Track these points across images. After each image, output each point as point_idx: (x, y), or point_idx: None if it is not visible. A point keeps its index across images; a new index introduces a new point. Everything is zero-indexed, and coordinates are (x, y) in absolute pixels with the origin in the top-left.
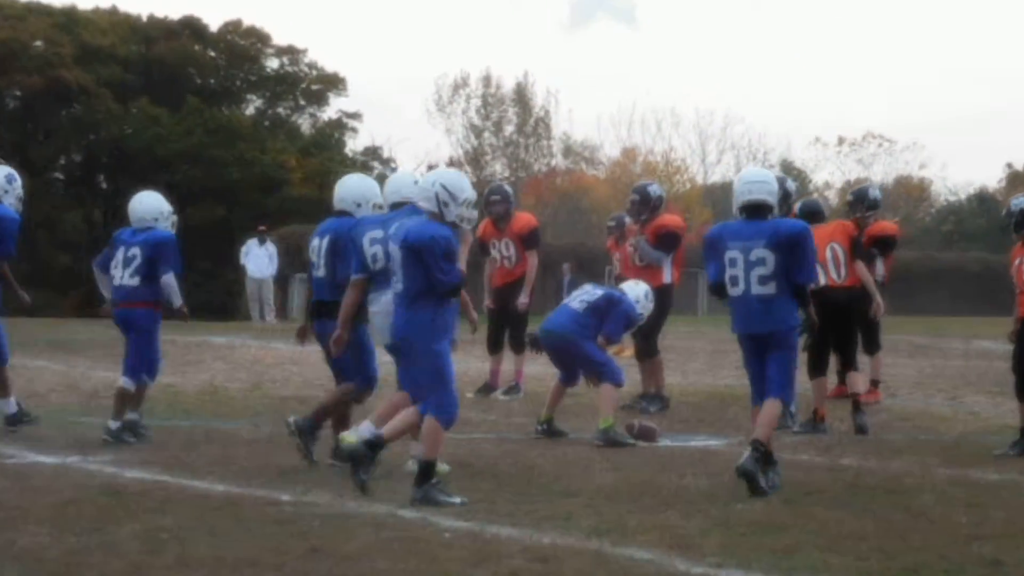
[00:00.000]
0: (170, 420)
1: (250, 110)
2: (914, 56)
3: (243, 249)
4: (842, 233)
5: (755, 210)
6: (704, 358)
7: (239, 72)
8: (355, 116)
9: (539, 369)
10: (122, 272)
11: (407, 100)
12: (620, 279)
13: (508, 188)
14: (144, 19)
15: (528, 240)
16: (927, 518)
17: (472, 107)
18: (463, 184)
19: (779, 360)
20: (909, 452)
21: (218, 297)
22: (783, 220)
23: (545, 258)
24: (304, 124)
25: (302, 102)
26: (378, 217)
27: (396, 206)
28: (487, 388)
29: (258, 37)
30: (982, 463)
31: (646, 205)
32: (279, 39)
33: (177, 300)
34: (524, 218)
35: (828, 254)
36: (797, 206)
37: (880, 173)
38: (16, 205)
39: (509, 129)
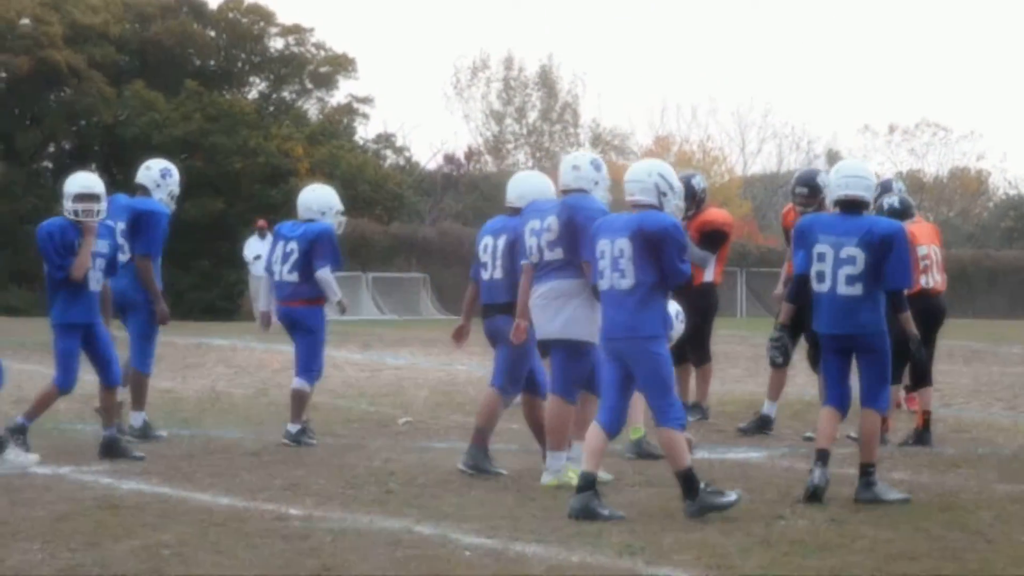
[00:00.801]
0: (169, 428)
1: (253, 94)
2: (972, 39)
3: (246, 245)
4: (935, 234)
5: (850, 205)
6: (744, 364)
7: (241, 53)
8: (366, 100)
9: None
10: (281, 268)
11: (422, 84)
12: None
13: None
14: None
15: None
16: (984, 537)
17: (493, 91)
18: (675, 174)
19: (868, 367)
20: (965, 466)
21: (219, 296)
22: (879, 219)
23: None
24: (311, 109)
25: (309, 85)
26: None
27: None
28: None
29: (261, 15)
30: None
31: (691, 199)
32: (284, 18)
33: (334, 295)
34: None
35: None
36: (886, 201)
37: (934, 164)
38: (167, 201)
39: (533, 115)
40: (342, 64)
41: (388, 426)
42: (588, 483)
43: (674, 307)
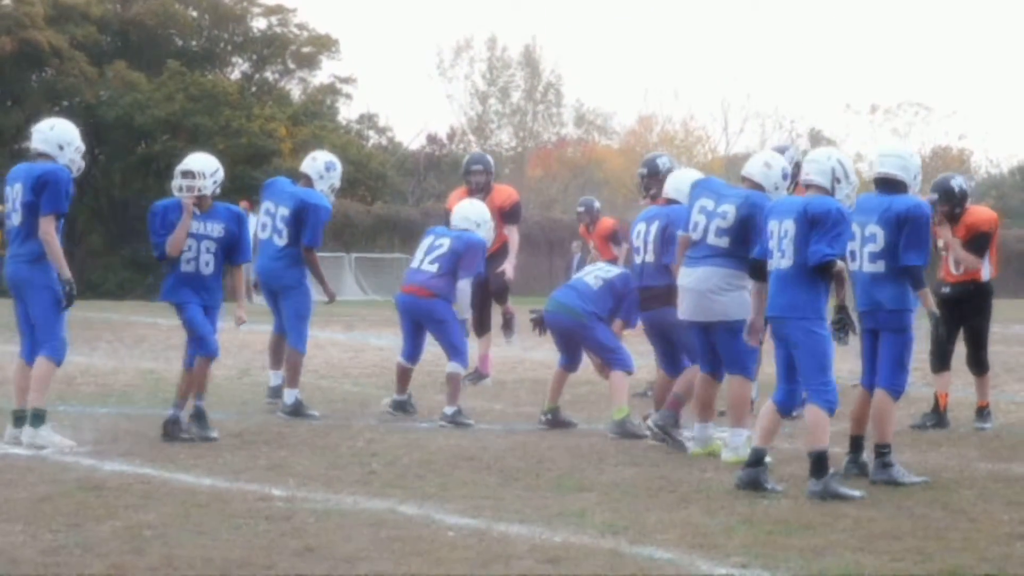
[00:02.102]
0: (152, 409)
1: (235, 74)
2: (954, 18)
3: None
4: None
5: (885, 184)
6: None
7: (223, 33)
8: (349, 81)
9: (546, 354)
10: (423, 258)
11: (405, 64)
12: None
13: (490, 158)
14: None
15: (510, 215)
16: (967, 516)
17: (476, 71)
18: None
19: (888, 347)
20: (947, 445)
21: None
22: (899, 197)
23: (552, 234)
24: (294, 90)
25: (292, 66)
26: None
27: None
28: (477, 375)
29: None
30: None
31: (655, 178)
32: None
33: (465, 311)
34: (505, 191)
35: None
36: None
37: (916, 143)
38: (328, 193)
39: (516, 95)
40: (325, 44)
41: (371, 407)
42: (758, 459)
43: None
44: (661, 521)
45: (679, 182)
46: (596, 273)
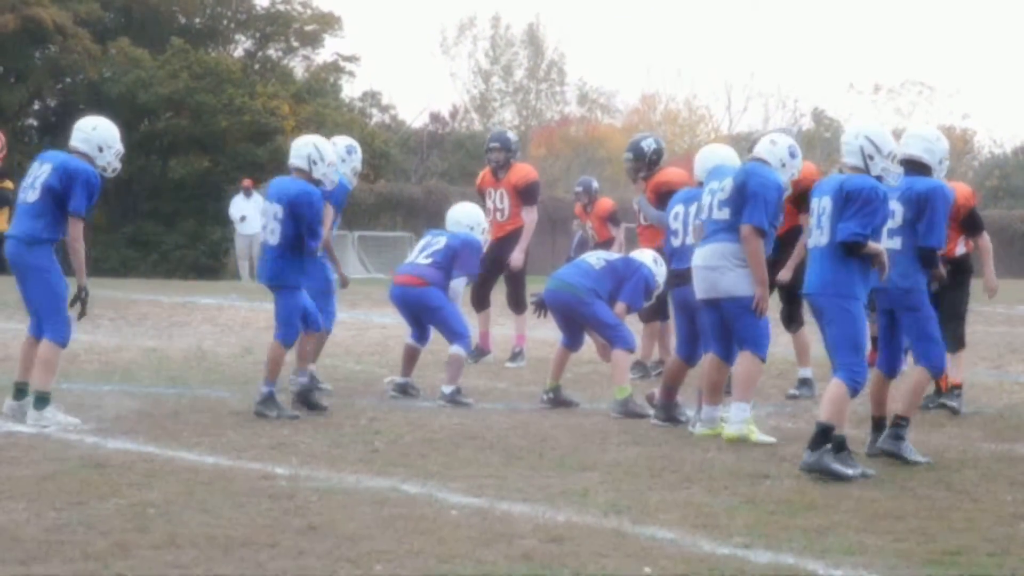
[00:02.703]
0: (155, 387)
1: (239, 52)
2: None
3: (232, 203)
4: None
5: (909, 165)
6: None
7: (227, 11)
8: (352, 59)
9: (548, 333)
10: (418, 254)
11: (408, 42)
12: (583, 246)
13: (511, 136)
14: None
15: (525, 194)
16: (970, 496)
17: (480, 49)
18: (887, 136)
19: (910, 325)
20: (951, 425)
21: (204, 254)
22: (920, 178)
23: (555, 213)
24: (297, 68)
25: (295, 44)
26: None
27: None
28: (479, 352)
29: None
30: None
31: (642, 161)
32: None
33: (456, 298)
34: (523, 170)
35: None
36: None
37: (920, 122)
38: (350, 176)
39: (519, 74)
40: (328, 22)
41: (374, 385)
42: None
43: (649, 253)
44: (664, 501)
45: (707, 161)
46: (599, 255)
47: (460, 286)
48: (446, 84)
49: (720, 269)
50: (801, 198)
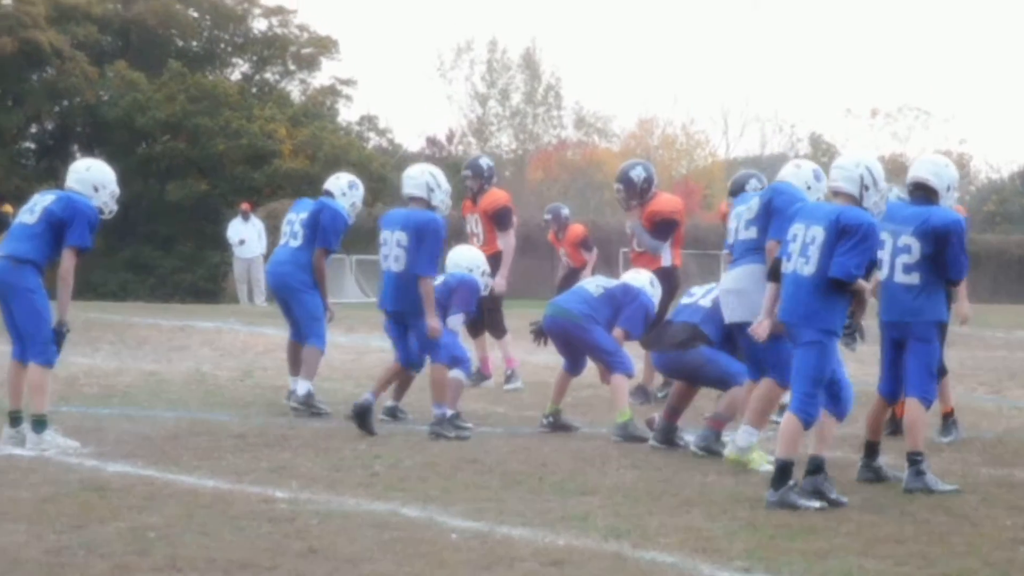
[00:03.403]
0: (154, 410)
1: (236, 75)
2: (954, 23)
3: (230, 227)
4: None
5: (917, 188)
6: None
7: (224, 34)
8: (349, 83)
9: (548, 358)
10: None
11: (406, 66)
12: (571, 272)
13: (484, 163)
14: None
15: (496, 219)
16: (970, 521)
17: (476, 73)
18: (883, 172)
19: (915, 355)
20: (950, 450)
21: (202, 278)
22: (936, 209)
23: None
24: (294, 91)
25: (292, 67)
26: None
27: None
28: (479, 376)
29: None
30: None
31: (633, 191)
32: None
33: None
34: (494, 195)
35: None
36: None
37: (916, 147)
38: (350, 210)
39: (516, 98)
40: (325, 46)
41: (375, 410)
42: (817, 467)
43: (647, 275)
44: (664, 525)
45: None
46: (598, 282)
47: (459, 322)
48: (443, 108)
49: (746, 292)
50: None
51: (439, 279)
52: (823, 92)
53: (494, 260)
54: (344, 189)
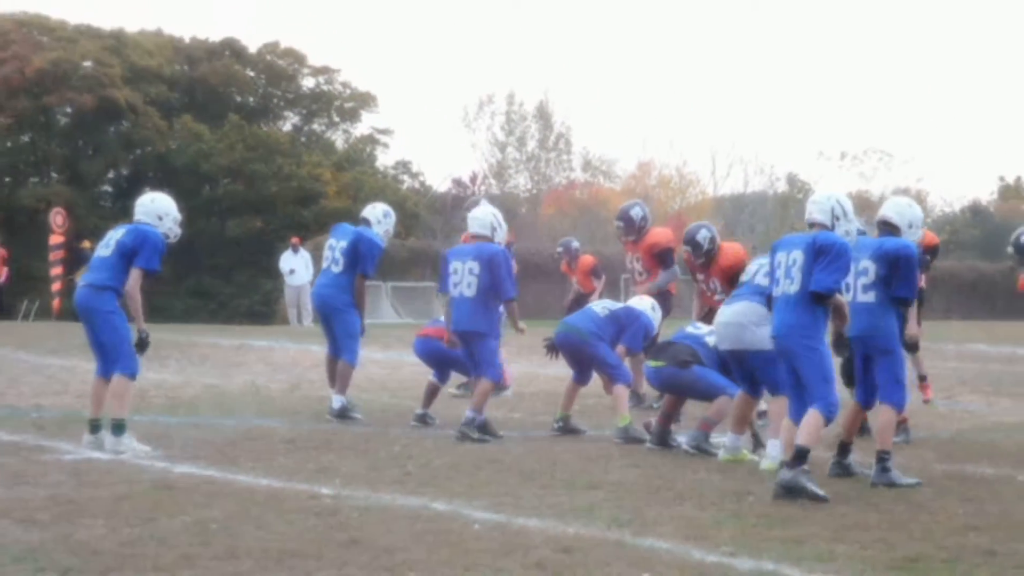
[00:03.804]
0: (215, 419)
1: (287, 127)
2: (915, 74)
3: (282, 258)
4: None
5: (884, 225)
6: None
7: (277, 91)
8: (386, 132)
9: (559, 370)
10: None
11: (435, 116)
12: (580, 296)
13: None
14: (187, 40)
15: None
16: (926, 510)
17: (496, 123)
18: (851, 206)
19: (880, 367)
20: (908, 448)
21: (257, 302)
22: (892, 238)
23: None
24: (338, 140)
25: (336, 119)
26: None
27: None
28: (498, 387)
29: (295, 58)
30: (977, 459)
31: (632, 228)
32: (315, 60)
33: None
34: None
35: None
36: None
37: (880, 186)
38: (384, 237)
39: (531, 144)
40: (365, 100)
41: (406, 416)
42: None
43: (649, 301)
44: (660, 515)
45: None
46: (604, 304)
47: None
48: (467, 153)
49: (744, 326)
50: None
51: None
52: (798, 136)
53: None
54: (379, 217)
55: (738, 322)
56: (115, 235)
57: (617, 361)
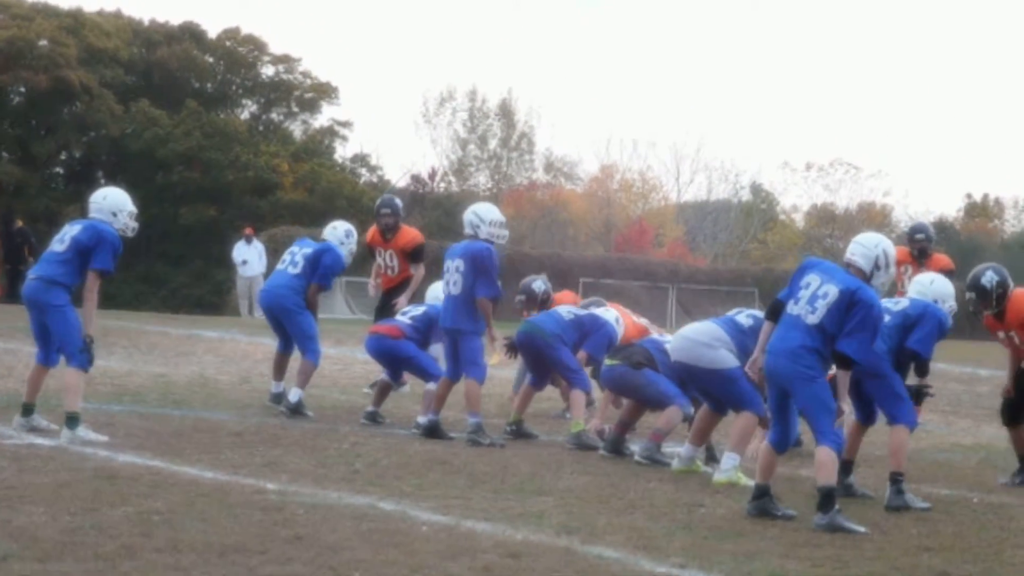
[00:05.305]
0: (162, 409)
1: (245, 115)
2: (882, 87)
3: (235, 248)
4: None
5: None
6: None
7: (236, 78)
8: (346, 124)
9: (511, 374)
10: (401, 317)
11: (395, 111)
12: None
13: (399, 202)
14: (146, 23)
15: (411, 255)
16: (880, 529)
17: (458, 120)
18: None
19: (876, 390)
20: (864, 466)
21: (209, 292)
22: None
23: (523, 267)
24: (296, 130)
25: (295, 109)
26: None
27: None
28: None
29: (255, 45)
30: (933, 479)
31: (533, 302)
32: (275, 48)
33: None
34: (410, 234)
35: None
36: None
37: (845, 198)
38: (349, 257)
39: (493, 143)
40: (325, 91)
41: (356, 413)
42: (763, 492)
43: (613, 312)
44: (610, 524)
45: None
46: (569, 309)
47: (438, 350)
48: (428, 149)
49: (697, 342)
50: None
51: (420, 310)
52: (764, 145)
53: (404, 285)
54: (342, 238)
55: (692, 338)
56: (71, 231)
57: (577, 366)
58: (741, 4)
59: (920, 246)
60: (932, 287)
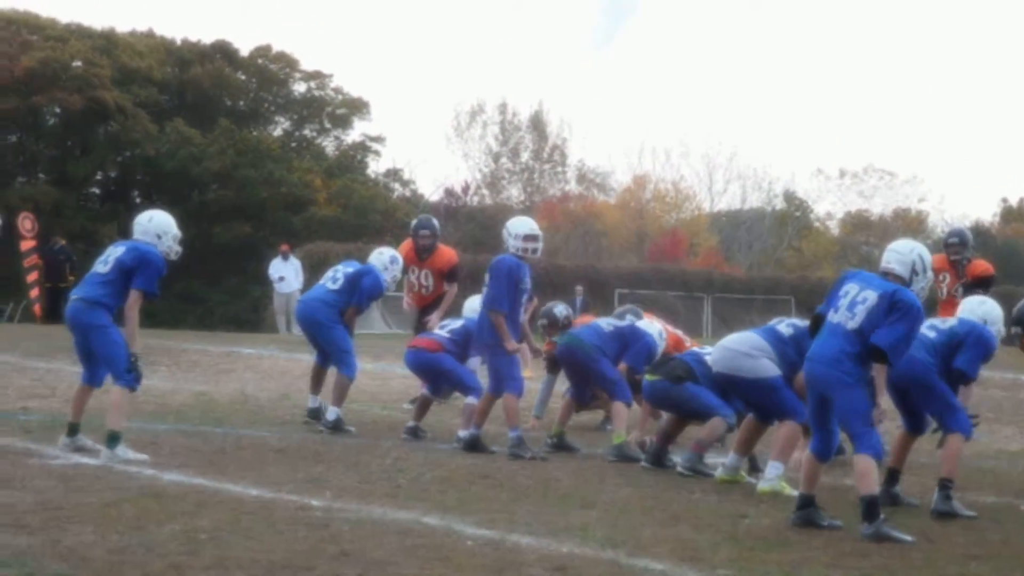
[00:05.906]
0: (205, 427)
1: (278, 132)
2: (917, 92)
3: (271, 265)
4: None
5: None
6: None
7: (268, 95)
8: (378, 139)
9: (556, 387)
10: (439, 330)
11: (427, 125)
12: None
13: (436, 223)
14: (179, 42)
15: (448, 276)
16: (927, 538)
17: (489, 133)
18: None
19: (926, 400)
20: (909, 474)
21: (245, 309)
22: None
23: (558, 279)
24: (329, 146)
25: (327, 125)
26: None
27: None
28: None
29: (287, 62)
30: (979, 486)
31: (555, 327)
32: (307, 64)
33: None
34: (447, 254)
35: None
36: None
37: (880, 205)
38: (390, 283)
39: (525, 155)
40: (357, 107)
41: (398, 428)
42: (807, 502)
43: (656, 327)
44: (655, 536)
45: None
46: (610, 321)
47: (476, 363)
48: (460, 163)
49: (738, 352)
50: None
51: (458, 323)
52: (798, 153)
53: (439, 301)
54: (387, 263)
55: (732, 348)
56: (114, 252)
57: (618, 378)
58: (773, 12)
59: (952, 251)
60: (982, 308)
